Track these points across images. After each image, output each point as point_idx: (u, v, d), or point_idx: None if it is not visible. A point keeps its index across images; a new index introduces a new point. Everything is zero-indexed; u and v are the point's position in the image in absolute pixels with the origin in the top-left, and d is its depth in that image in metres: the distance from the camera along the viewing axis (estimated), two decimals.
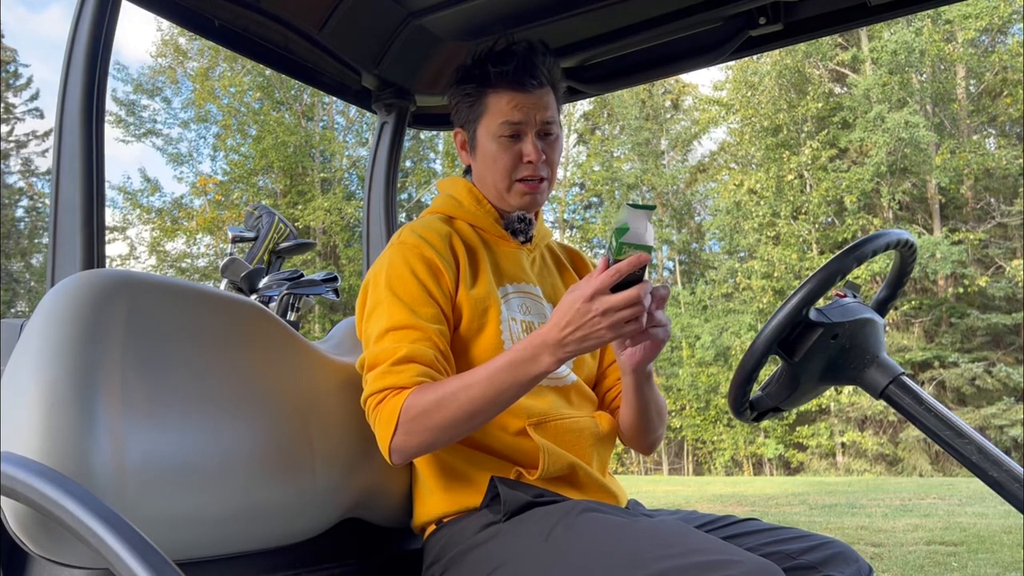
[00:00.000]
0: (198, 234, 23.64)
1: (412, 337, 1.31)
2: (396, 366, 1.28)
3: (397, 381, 1.27)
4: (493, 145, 1.47)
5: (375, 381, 1.29)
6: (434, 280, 1.37)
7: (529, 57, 1.46)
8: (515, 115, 1.45)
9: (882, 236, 1.29)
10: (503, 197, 1.50)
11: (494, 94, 1.46)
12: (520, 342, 1.26)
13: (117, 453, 1.07)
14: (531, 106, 1.45)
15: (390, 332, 1.32)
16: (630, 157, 25.31)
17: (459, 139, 1.55)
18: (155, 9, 1.61)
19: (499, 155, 1.46)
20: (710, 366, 21.63)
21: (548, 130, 1.48)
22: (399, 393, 1.27)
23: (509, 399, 1.26)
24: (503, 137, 1.46)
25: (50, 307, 1.11)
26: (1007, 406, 17.79)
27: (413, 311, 1.33)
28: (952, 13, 18.91)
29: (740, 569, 1.06)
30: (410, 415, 1.25)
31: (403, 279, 1.36)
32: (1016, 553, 5.40)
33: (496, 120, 1.46)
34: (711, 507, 8.95)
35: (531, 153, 1.45)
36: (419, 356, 1.29)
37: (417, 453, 1.30)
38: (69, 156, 1.35)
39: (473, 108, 1.49)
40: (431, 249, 1.40)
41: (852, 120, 20.72)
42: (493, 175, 1.48)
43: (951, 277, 19.67)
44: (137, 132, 23.71)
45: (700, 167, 25.46)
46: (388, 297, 1.35)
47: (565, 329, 1.19)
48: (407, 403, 1.25)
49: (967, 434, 1.18)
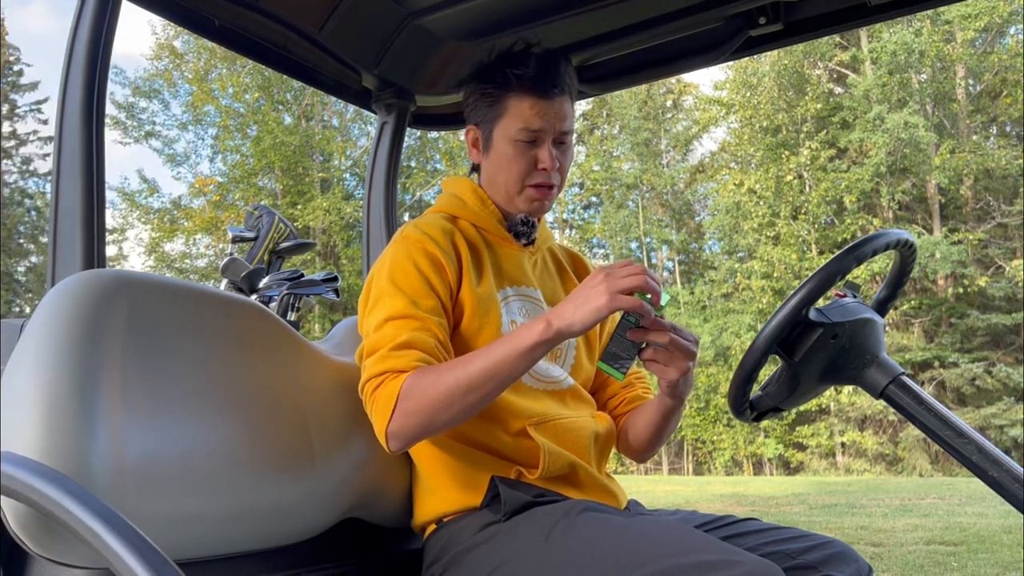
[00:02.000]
0: (197, 234, 23.65)
1: (412, 326, 1.30)
2: (395, 351, 1.27)
3: (396, 365, 1.26)
4: (509, 148, 1.46)
5: (373, 366, 1.28)
6: (436, 273, 1.37)
7: (553, 64, 1.46)
8: (535, 122, 1.44)
9: (882, 236, 1.29)
10: (512, 200, 1.50)
11: (515, 97, 1.45)
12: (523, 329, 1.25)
13: (117, 453, 1.07)
14: (552, 114, 1.45)
15: (390, 321, 1.31)
16: (630, 157, 25.31)
17: (471, 136, 1.54)
18: (155, 9, 1.61)
19: (515, 159, 1.46)
20: (710, 366, 21.62)
21: (564, 139, 1.48)
22: (397, 376, 1.25)
23: (505, 374, 1.23)
24: (520, 142, 1.45)
25: (50, 307, 1.11)
26: (1007, 406, 17.80)
27: (414, 302, 1.33)
28: (952, 13, 18.92)
29: (740, 569, 1.06)
30: (409, 397, 1.23)
31: (405, 272, 1.36)
32: (1016, 553, 5.40)
33: (516, 124, 1.45)
34: (711, 507, 8.95)
35: (546, 160, 1.45)
36: (419, 343, 1.29)
37: (415, 437, 1.27)
38: (69, 156, 1.35)
39: (492, 108, 1.48)
40: (433, 244, 1.39)
41: (852, 120, 20.73)
42: (506, 177, 1.48)
43: (951, 277, 19.68)
44: (135, 134, 23.74)
45: (700, 167, 25.46)
46: (390, 289, 1.35)
47: (568, 301, 1.22)
48: (405, 385, 1.23)
49: (967, 434, 1.18)
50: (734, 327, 21.10)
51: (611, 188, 24.95)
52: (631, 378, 1.67)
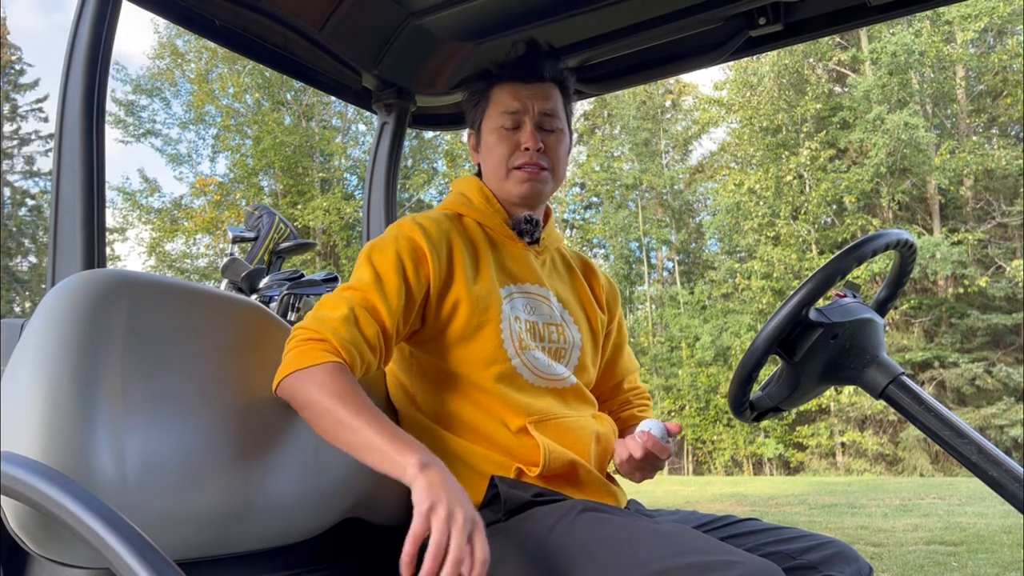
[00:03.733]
0: (197, 234, 23.66)
1: (365, 303, 1.32)
2: (338, 322, 1.28)
3: (328, 336, 1.26)
4: (493, 136, 1.51)
5: (313, 321, 1.30)
6: (413, 263, 1.38)
7: (532, 53, 1.52)
8: (513, 104, 1.49)
9: (882, 236, 1.29)
10: (503, 187, 1.52)
11: (497, 88, 1.52)
12: (414, 442, 1.18)
13: (117, 453, 1.07)
14: (529, 96, 1.50)
15: (349, 289, 1.35)
16: (629, 157, 25.32)
17: (471, 142, 1.59)
18: (155, 9, 1.61)
19: (497, 143, 1.50)
20: (710, 366, 21.63)
21: (549, 124, 1.51)
22: (321, 353, 1.24)
23: (358, 452, 1.20)
24: (502, 128, 1.50)
25: (50, 307, 1.11)
26: (1007, 406, 17.79)
27: (378, 280, 1.35)
28: (952, 14, 18.92)
29: (740, 569, 1.06)
30: (308, 377, 1.22)
31: (384, 252, 1.39)
32: (1016, 553, 5.40)
33: (497, 111, 1.51)
34: (711, 507, 8.95)
35: (528, 140, 1.48)
36: (362, 322, 1.30)
37: (289, 403, 1.27)
38: (70, 156, 1.35)
39: (478, 106, 1.55)
40: (422, 234, 1.41)
41: (852, 121, 20.73)
42: (493, 164, 1.51)
43: (951, 277, 19.67)
44: (136, 132, 23.74)
45: (700, 167, 25.47)
46: (363, 263, 1.38)
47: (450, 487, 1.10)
48: (316, 368, 1.23)
49: (967, 434, 1.18)
50: (734, 327, 21.10)
51: (611, 188, 24.95)
52: (629, 395, 1.68)
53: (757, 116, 21.44)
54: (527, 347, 1.42)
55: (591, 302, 1.61)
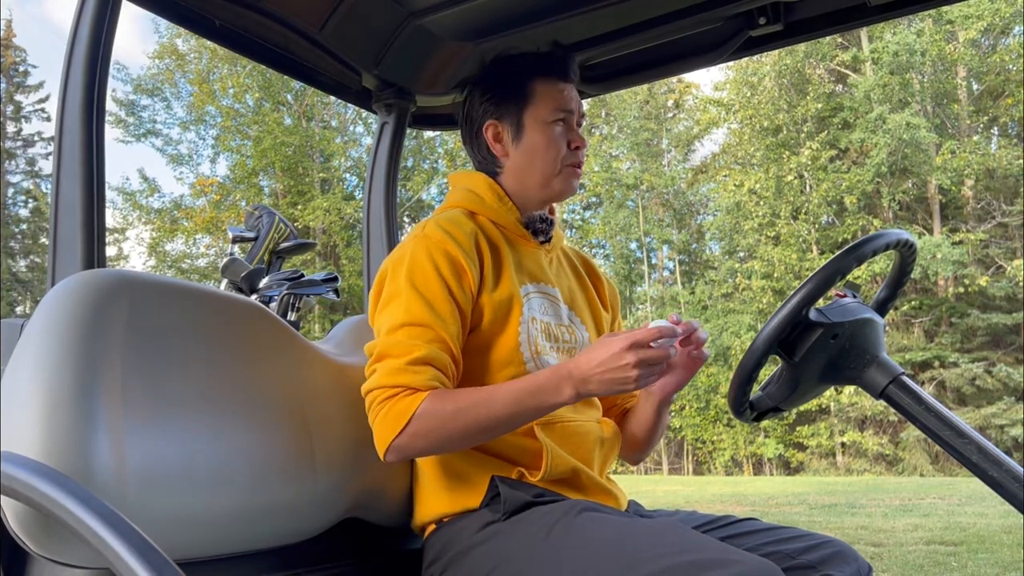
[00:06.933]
0: (197, 234, 23.66)
1: (429, 336, 1.29)
2: (413, 366, 1.26)
3: (412, 381, 1.26)
4: (547, 131, 1.49)
5: (387, 375, 1.27)
6: (456, 279, 1.35)
7: (563, 52, 1.54)
8: (567, 103, 1.50)
9: (882, 236, 1.29)
10: (549, 183, 1.50)
11: (542, 82, 1.50)
12: (547, 370, 1.27)
13: (117, 453, 1.07)
14: (575, 97, 1.53)
15: (406, 327, 1.30)
16: (630, 157, 25.31)
17: (491, 132, 1.52)
18: (155, 9, 1.61)
19: (553, 141, 1.49)
20: (710, 366, 21.60)
21: (582, 123, 1.55)
22: (413, 395, 1.25)
23: (524, 421, 1.29)
24: (557, 123, 1.49)
25: (50, 307, 1.11)
26: (1007, 406, 17.79)
27: (432, 308, 1.31)
28: (953, 14, 18.92)
29: (739, 568, 1.06)
30: (424, 421, 1.24)
31: (425, 273, 1.34)
32: (1016, 553, 5.40)
33: (548, 107, 1.49)
34: (711, 507, 8.95)
35: (578, 139, 1.51)
36: (436, 360, 1.28)
37: (416, 455, 1.30)
38: (70, 156, 1.35)
39: (517, 96, 1.50)
40: (456, 246, 1.37)
41: (853, 121, 20.73)
42: (543, 161, 1.49)
43: (952, 277, 19.67)
44: (137, 132, 23.74)
45: (700, 168, 25.46)
46: (407, 290, 1.33)
47: (596, 368, 1.21)
48: (422, 408, 1.24)
49: (967, 434, 1.18)
50: (734, 327, 21.09)
51: (611, 188, 24.93)
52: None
53: (758, 116, 21.43)
54: (541, 351, 1.41)
55: (596, 301, 1.61)
